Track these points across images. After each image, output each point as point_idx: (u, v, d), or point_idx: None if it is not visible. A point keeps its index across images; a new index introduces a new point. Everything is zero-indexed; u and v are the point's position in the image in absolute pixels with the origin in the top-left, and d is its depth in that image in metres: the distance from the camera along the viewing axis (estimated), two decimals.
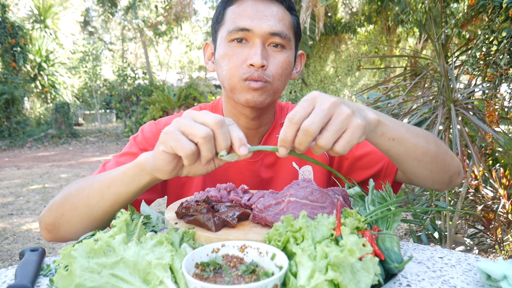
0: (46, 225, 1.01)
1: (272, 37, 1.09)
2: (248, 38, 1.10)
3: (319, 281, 0.58)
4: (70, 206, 0.96)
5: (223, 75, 1.15)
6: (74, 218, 0.96)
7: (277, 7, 1.12)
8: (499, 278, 0.73)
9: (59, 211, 0.98)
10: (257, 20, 1.08)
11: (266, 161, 1.26)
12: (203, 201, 0.90)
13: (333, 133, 0.73)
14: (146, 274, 0.65)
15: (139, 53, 20.90)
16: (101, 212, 0.94)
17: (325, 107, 0.73)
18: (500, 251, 3.04)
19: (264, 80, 1.10)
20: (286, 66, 1.14)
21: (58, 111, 14.17)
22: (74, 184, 1.02)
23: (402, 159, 0.96)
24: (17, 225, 4.77)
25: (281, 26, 1.10)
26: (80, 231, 0.98)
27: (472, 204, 3.16)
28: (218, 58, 1.15)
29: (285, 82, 1.17)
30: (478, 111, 2.31)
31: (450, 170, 1.06)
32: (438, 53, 2.37)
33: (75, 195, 0.96)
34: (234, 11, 1.12)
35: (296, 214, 0.79)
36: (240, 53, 1.10)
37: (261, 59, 1.07)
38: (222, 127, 0.74)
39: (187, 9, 13.15)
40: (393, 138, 0.87)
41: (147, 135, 1.24)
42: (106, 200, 0.92)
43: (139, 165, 0.86)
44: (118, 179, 0.90)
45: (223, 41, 1.13)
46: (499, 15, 1.95)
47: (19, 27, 13.21)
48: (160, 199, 1.29)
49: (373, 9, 9.31)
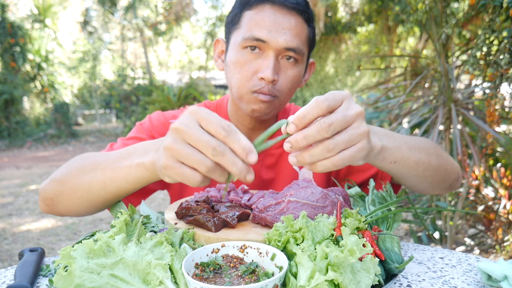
0: (44, 199, 1.00)
1: (287, 52, 1.09)
2: (262, 48, 1.09)
3: (319, 281, 0.57)
4: (70, 187, 0.95)
5: (233, 82, 1.14)
6: (73, 199, 0.96)
7: (296, 19, 1.10)
8: (500, 278, 0.73)
9: (58, 188, 0.97)
10: (274, 33, 1.07)
11: (267, 162, 1.26)
12: (203, 201, 0.90)
13: (344, 141, 0.69)
14: (145, 275, 0.65)
15: (139, 53, 20.90)
16: (101, 200, 0.94)
17: (351, 113, 0.69)
18: (500, 251, 3.03)
19: (273, 94, 1.10)
20: (295, 80, 1.14)
21: (58, 111, 14.17)
22: (77, 161, 0.99)
23: (403, 178, 0.95)
24: (16, 225, 4.76)
25: (297, 41, 1.10)
26: (78, 211, 0.98)
27: (472, 204, 3.16)
28: (229, 63, 1.15)
29: (292, 94, 1.18)
30: (478, 111, 2.30)
31: (450, 178, 1.06)
32: (438, 53, 2.36)
33: (77, 177, 0.95)
34: (251, 18, 1.10)
35: (296, 214, 0.79)
36: (252, 63, 1.09)
37: (272, 74, 1.06)
38: (224, 155, 0.67)
39: (187, 9, 13.15)
40: (395, 161, 0.86)
41: (155, 123, 1.24)
42: (107, 191, 0.92)
43: (146, 169, 0.83)
44: (122, 175, 0.88)
45: (236, 46, 1.12)
46: (500, 15, 1.95)
47: (19, 27, 13.21)
48: (160, 199, 1.28)
49: (373, 9, 9.30)
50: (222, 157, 0.67)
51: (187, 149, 0.68)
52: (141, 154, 0.85)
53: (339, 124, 0.68)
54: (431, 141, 1.04)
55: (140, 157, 0.85)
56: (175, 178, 0.71)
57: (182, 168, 0.69)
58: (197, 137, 0.67)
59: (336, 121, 0.67)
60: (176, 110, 1.32)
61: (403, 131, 2.69)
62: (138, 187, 0.91)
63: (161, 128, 1.23)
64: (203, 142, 0.67)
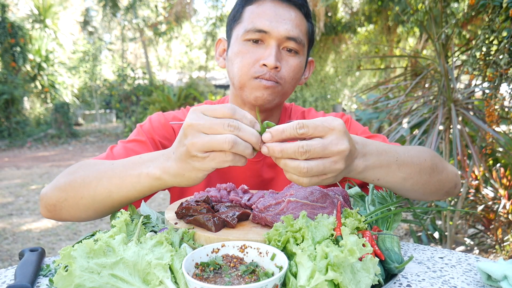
0: (47, 205, 1.00)
1: (288, 41, 1.12)
2: (264, 39, 1.12)
3: (319, 281, 0.57)
4: (74, 194, 0.95)
5: (234, 72, 1.15)
6: (78, 206, 0.95)
7: (295, 12, 1.14)
8: (500, 278, 0.73)
9: (62, 195, 0.96)
10: (275, 23, 1.10)
11: (268, 160, 1.26)
12: (203, 201, 0.90)
13: (317, 171, 0.71)
14: (145, 274, 0.65)
15: (139, 53, 20.90)
16: (108, 206, 0.94)
17: (332, 149, 0.71)
18: (500, 251, 3.03)
19: (275, 80, 1.11)
20: (297, 70, 1.16)
21: (58, 111, 14.16)
22: (81, 169, 0.99)
23: (390, 189, 0.94)
24: (16, 225, 4.76)
25: (298, 31, 1.13)
26: (82, 217, 0.98)
27: (472, 204, 3.16)
28: (231, 55, 1.16)
29: (294, 86, 1.19)
30: (478, 111, 2.31)
31: (445, 187, 1.04)
32: (438, 53, 2.36)
33: (81, 184, 0.94)
34: (253, 11, 1.14)
35: (296, 214, 0.79)
36: (254, 52, 1.12)
37: (275, 60, 1.09)
38: (240, 128, 0.71)
39: (187, 9, 13.15)
40: (378, 178, 0.86)
41: (155, 124, 1.23)
42: (113, 199, 0.91)
43: (157, 179, 0.83)
44: (130, 184, 0.88)
45: (238, 39, 1.14)
46: (499, 15, 1.95)
47: (19, 27, 13.21)
48: (160, 199, 1.28)
49: (373, 9, 9.29)
50: (239, 130, 0.71)
51: (207, 137, 0.71)
52: (150, 163, 0.85)
53: (315, 153, 0.71)
54: (429, 151, 1.02)
55: (149, 167, 0.85)
56: (211, 165, 0.74)
57: (212, 154, 0.72)
58: (210, 123, 0.71)
59: (313, 150, 0.70)
60: (176, 111, 1.31)
61: (403, 131, 2.69)
62: (146, 195, 0.91)
63: (161, 129, 1.22)
64: (217, 125, 0.71)
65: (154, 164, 0.84)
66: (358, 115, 4.79)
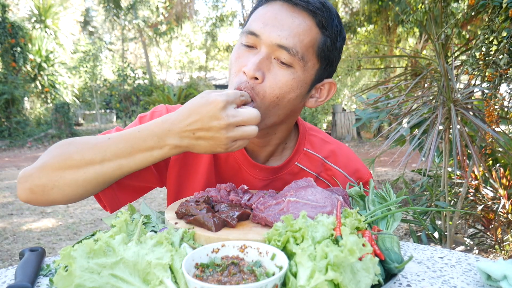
0: (33, 186, 0.91)
1: (279, 50, 0.95)
2: (256, 45, 0.98)
3: (319, 281, 0.58)
4: (71, 175, 0.91)
5: None
6: (76, 183, 0.92)
7: (304, 20, 0.96)
8: (499, 278, 0.73)
9: (55, 174, 0.91)
10: (269, 27, 0.95)
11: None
12: (203, 201, 0.90)
13: None
14: (146, 274, 0.65)
15: (139, 53, 20.89)
16: (114, 179, 0.97)
17: None
18: (500, 251, 3.04)
19: (250, 94, 0.95)
20: (286, 88, 0.97)
21: (58, 111, 14.17)
22: (72, 145, 0.94)
23: None
24: (17, 225, 4.76)
25: (294, 41, 0.94)
26: (74, 198, 0.95)
27: (472, 204, 3.16)
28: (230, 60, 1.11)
29: (284, 108, 1.00)
30: (478, 111, 2.31)
31: None
32: (438, 53, 2.36)
33: (81, 161, 0.91)
34: (258, 12, 1.01)
35: (296, 214, 0.79)
36: (244, 58, 0.99)
37: (254, 68, 0.94)
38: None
39: (187, 9, 13.15)
40: None
41: (156, 115, 1.16)
42: (123, 171, 0.94)
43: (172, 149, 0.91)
44: (140, 161, 0.92)
45: (237, 43, 1.06)
46: (499, 15, 1.95)
47: (19, 27, 13.22)
48: (160, 199, 1.28)
49: (373, 9, 9.29)
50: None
51: (234, 111, 0.86)
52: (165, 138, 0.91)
53: None
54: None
55: (162, 142, 0.91)
56: (241, 143, 0.89)
57: (241, 129, 0.87)
58: (225, 97, 0.85)
59: None
60: (179, 105, 1.29)
61: (403, 131, 2.69)
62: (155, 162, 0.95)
63: None
64: (231, 95, 0.86)
65: (170, 138, 0.90)
66: (358, 115, 4.79)
